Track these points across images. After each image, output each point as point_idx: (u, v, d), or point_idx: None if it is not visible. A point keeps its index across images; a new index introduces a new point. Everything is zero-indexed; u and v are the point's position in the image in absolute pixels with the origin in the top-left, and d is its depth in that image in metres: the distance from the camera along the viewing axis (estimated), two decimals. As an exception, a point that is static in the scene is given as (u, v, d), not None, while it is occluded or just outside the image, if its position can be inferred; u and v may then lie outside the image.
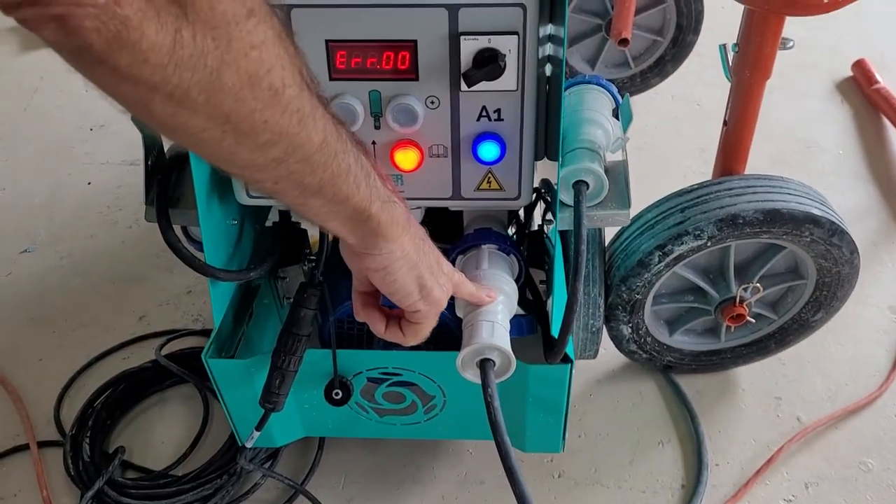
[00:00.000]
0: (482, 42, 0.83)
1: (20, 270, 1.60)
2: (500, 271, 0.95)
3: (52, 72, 2.15)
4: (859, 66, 1.99)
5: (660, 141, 1.88)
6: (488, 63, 0.83)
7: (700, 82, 2.00)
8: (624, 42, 1.65)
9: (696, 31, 1.84)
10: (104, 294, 1.55)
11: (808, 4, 1.00)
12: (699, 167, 1.79)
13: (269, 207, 1.16)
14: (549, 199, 1.08)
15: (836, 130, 1.87)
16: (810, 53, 2.04)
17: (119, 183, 1.80)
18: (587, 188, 0.96)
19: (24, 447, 1.28)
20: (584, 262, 0.91)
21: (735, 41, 1.14)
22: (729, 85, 1.18)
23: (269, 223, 1.17)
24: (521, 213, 1.15)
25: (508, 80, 0.85)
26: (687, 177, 1.74)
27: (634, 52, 1.89)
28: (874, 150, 1.81)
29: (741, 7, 1.09)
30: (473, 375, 0.88)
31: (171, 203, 1.01)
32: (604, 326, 1.23)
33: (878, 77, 1.94)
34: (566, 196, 0.97)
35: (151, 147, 1.01)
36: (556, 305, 1.00)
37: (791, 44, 1.08)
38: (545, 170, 1.02)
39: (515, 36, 0.83)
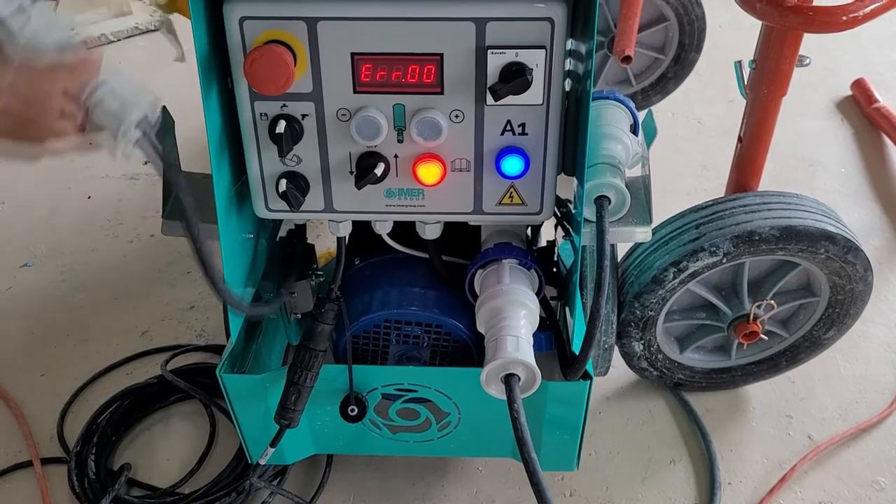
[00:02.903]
0: (509, 56, 0.83)
1: (21, 285, 1.58)
2: (522, 286, 0.94)
3: (50, 85, 2.13)
4: (858, 85, 2.00)
5: (661, 159, 1.87)
6: (515, 77, 0.82)
7: (700, 100, 2.01)
8: (627, 59, 1.65)
9: (699, 50, 1.85)
10: (106, 309, 1.53)
11: (826, 22, 1.00)
12: (701, 184, 1.79)
13: (281, 222, 1.15)
14: (559, 214, 1.08)
15: (837, 149, 1.88)
16: (809, 73, 2.05)
17: (119, 197, 1.79)
18: (609, 203, 0.95)
19: (26, 464, 1.26)
20: (608, 278, 0.90)
21: (739, 59, 1.15)
22: (732, 103, 1.18)
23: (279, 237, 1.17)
24: (529, 230, 1.14)
25: (535, 94, 0.85)
26: (690, 194, 1.75)
27: (636, 70, 1.89)
28: (876, 168, 1.82)
29: (740, 26, 1.10)
30: (498, 391, 0.87)
31: (187, 216, 0.99)
32: (615, 343, 1.23)
33: (877, 96, 1.95)
34: (588, 211, 0.96)
35: (169, 160, 1.00)
36: (577, 322, 0.99)
37: (808, 61, 1.08)
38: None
39: (543, 50, 0.82)
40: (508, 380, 0.85)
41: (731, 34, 2.11)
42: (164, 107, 1.00)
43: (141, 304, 1.54)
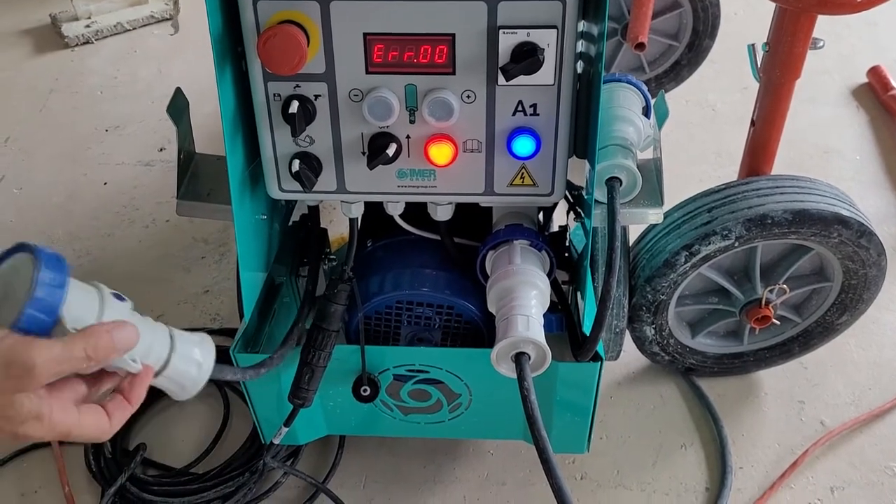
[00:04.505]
0: (521, 36, 0.83)
1: (37, 269, 1.60)
2: (533, 266, 0.94)
3: (67, 73, 2.15)
4: (875, 72, 1.99)
5: (674, 146, 1.88)
6: (527, 57, 0.83)
7: (714, 88, 2.00)
8: (640, 46, 1.65)
9: (713, 36, 1.84)
10: (121, 293, 1.54)
11: (840, 3, 1.00)
12: (715, 171, 1.79)
13: (294, 204, 1.16)
14: (570, 198, 1.08)
15: (852, 136, 1.87)
16: (824, 60, 2.04)
17: (135, 183, 1.80)
18: (620, 185, 0.95)
19: (44, 444, 1.28)
20: (619, 259, 0.90)
21: (752, 43, 1.14)
22: (746, 90, 1.18)
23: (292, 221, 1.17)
24: (541, 214, 1.14)
25: (546, 74, 0.85)
26: (703, 181, 1.74)
27: (650, 57, 1.89)
28: (891, 156, 1.81)
29: (754, 13, 1.09)
30: (508, 369, 0.88)
31: (201, 198, 1.00)
32: (627, 327, 1.23)
33: (893, 83, 1.94)
34: (599, 193, 0.96)
35: (184, 141, 1.01)
36: (588, 304, 0.99)
37: (821, 44, 1.08)
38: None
39: (554, 30, 0.83)
40: (519, 358, 0.86)
41: (746, 21, 2.10)
42: (178, 88, 1.01)
43: (156, 288, 1.55)
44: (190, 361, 0.73)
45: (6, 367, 0.58)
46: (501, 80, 0.85)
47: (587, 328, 0.97)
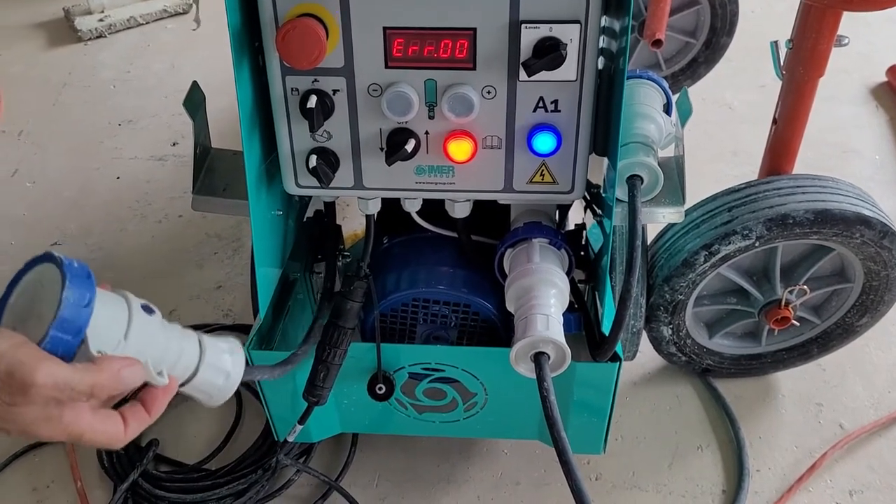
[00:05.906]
0: (543, 31, 0.82)
1: (50, 263, 1.59)
2: (552, 265, 0.93)
3: (80, 67, 2.14)
4: (894, 71, 1.97)
5: (691, 144, 1.85)
6: (549, 52, 0.81)
7: (731, 86, 1.98)
8: (657, 43, 1.63)
9: (730, 34, 1.83)
10: (134, 288, 1.50)
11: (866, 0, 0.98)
12: (731, 170, 1.77)
13: (309, 200, 1.15)
14: (588, 197, 1.07)
15: (871, 136, 1.85)
16: (843, 59, 2.02)
17: (147, 178, 1.80)
18: (641, 183, 0.94)
19: (56, 439, 1.27)
20: (639, 258, 0.89)
21: (776, 40, 1.13)
22: (763, 89, 1.16)
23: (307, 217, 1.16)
24: (557, 213, 1.13)
25: (568, 70, 0.84)
26: (720, 180, 1.71)
27: (666, 54, 1.87)
28: (911, 156, 1.79)
29: (771, 12, 1.08)
30: (527, 369, 0.87)
31: (217, 193, 1.00)
32: (644, 327, 1.22)
33: (914, 83, 1.92)
34: (620, 191, 0.95)
35: (200, 135, 1.00)
36: (607, 304, 0.98)
37: (846, 41, 1.06)
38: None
39: (577, 25, 0.81)
40: (538, 358, 0.85)
41: (763, 20, 2.08)
42: (195, 82, 1.00)
43: (168, 283, 1.55)
44: (218, 372, 0.72)
45: (8, 376, 0.56)
46: (523, 75, 0.84)
47: (605, 328, 0.96)
